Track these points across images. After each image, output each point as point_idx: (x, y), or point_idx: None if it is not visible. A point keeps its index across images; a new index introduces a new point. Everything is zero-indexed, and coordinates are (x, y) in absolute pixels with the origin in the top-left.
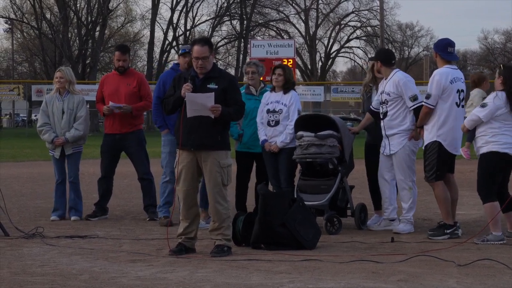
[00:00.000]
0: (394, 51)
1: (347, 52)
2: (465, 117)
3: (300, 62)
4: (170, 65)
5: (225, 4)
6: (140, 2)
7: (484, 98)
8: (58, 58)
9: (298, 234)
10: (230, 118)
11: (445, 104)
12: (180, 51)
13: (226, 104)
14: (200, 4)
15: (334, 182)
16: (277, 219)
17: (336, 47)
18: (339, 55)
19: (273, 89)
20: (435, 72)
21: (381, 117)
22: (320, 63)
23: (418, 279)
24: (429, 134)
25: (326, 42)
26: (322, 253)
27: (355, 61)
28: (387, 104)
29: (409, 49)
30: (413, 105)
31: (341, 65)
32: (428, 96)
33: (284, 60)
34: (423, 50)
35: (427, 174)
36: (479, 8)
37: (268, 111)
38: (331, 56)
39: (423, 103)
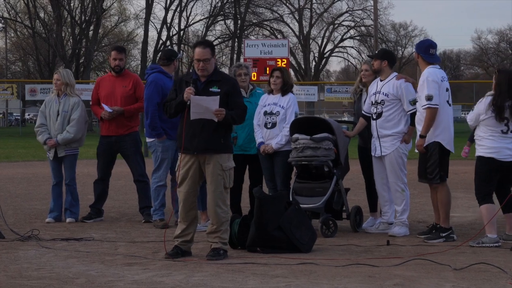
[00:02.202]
0: None
1: (340, 52)
2: None
3: (293, 62)
4: None
5: (219, 4)
6: (134, 2)
7: None
8: (52, 57)
9: (294, 237)
10: (233, 122)
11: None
12: (180, 55)
13: (228, 108)
14: (194, 4)
15: (329, 185)
16: (273, 222)
17: (330, 46)
18: (332, 54)
19: (270, 92)
20: (426, 73)
21: (374, 117)
22: (313, 63)
23: (414, 283)
24: (427, 136)
25: (320, 42)
26: (318, 256)
27: (348, 60)
28: (383, 105)
29: (403, 49)
30: (412, 109)
31: (334, 64)
32: (430, 97)
33: (278, 60)
34: None
35: (429, 177)
36: (472, 8)
37: (265, 113)
38: (325, 56)
39: (428, 106)
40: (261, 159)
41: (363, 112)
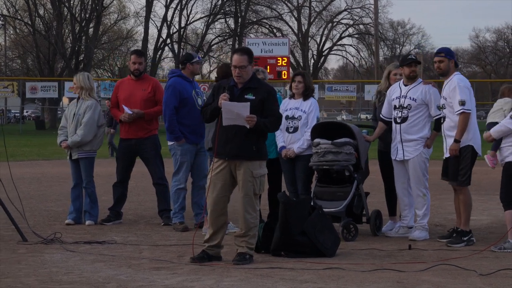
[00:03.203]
0: (386, 49)
1: (339, 50)
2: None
3: (292, 60)
4: (164, 62)
5: (219, 2)
6: None
7: None
8: (52, 55)
9: (318, 241)
10: (266, 129)
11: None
12: (197, 59)
13: (263, 115)
14: (194, 2)
15: (350, 189)
16: (297, 227)
17: (328, 44)
18: (331, 53)
19: (292, 96)
20: (457, 79)
21: (398, 121)
22: (312, 61)
23: None
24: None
25: (318, 40)
26: (342, 261)
27: (347, 58)
28: (409, 109)
29: (401, 47)
30: (439, 114)
31: (333, 62)
32: (463, 102)
33: (278, 58)
34: (415, 48)
35: (461, 179)
36: (471, 7)
37: (287, 118)
38: (324, 54)
39: (462, 110)
40: (282, 163)
41: (382, 116)
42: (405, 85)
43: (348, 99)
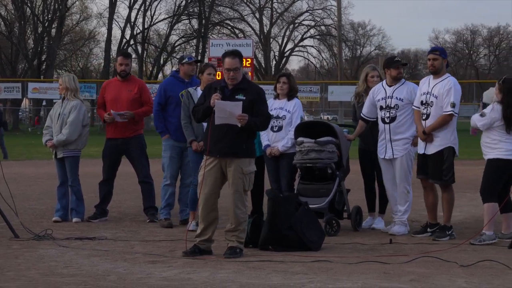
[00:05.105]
0: (347, 50)
1: (301, 51)
2: None
3: (254, 61)
4: None
5: (183, 3)
6: (97, 0)
7: None
8: (14, 56)
9: (304, 236)
10: (256, 128)
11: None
12: (186, 59)
13: (253, 115)
14: (158, 3)
15: (332, 186)
16: (284, 222)
17: (290, 45)
18: (293, 53)
19: (277, 96)
20: (453, 81)
21: (387, 121)
22: (274, 62)
23: (429, 279)
24: (442, 141)
25: (280, 41)
26: (328, 254)
27: (308, 59)
28: (397, 109)
29: (361, 48)
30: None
31: (294, 63)
32: (454, 105)
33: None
34: (375, 49)
35: (445, 178)
36: (430, 8)
37: (272, 117)
38: (285, 55)
39: (452, 112)
40: (266, 161)
41: (362, 115)
42: (389, 86)
43: (311, 100)
